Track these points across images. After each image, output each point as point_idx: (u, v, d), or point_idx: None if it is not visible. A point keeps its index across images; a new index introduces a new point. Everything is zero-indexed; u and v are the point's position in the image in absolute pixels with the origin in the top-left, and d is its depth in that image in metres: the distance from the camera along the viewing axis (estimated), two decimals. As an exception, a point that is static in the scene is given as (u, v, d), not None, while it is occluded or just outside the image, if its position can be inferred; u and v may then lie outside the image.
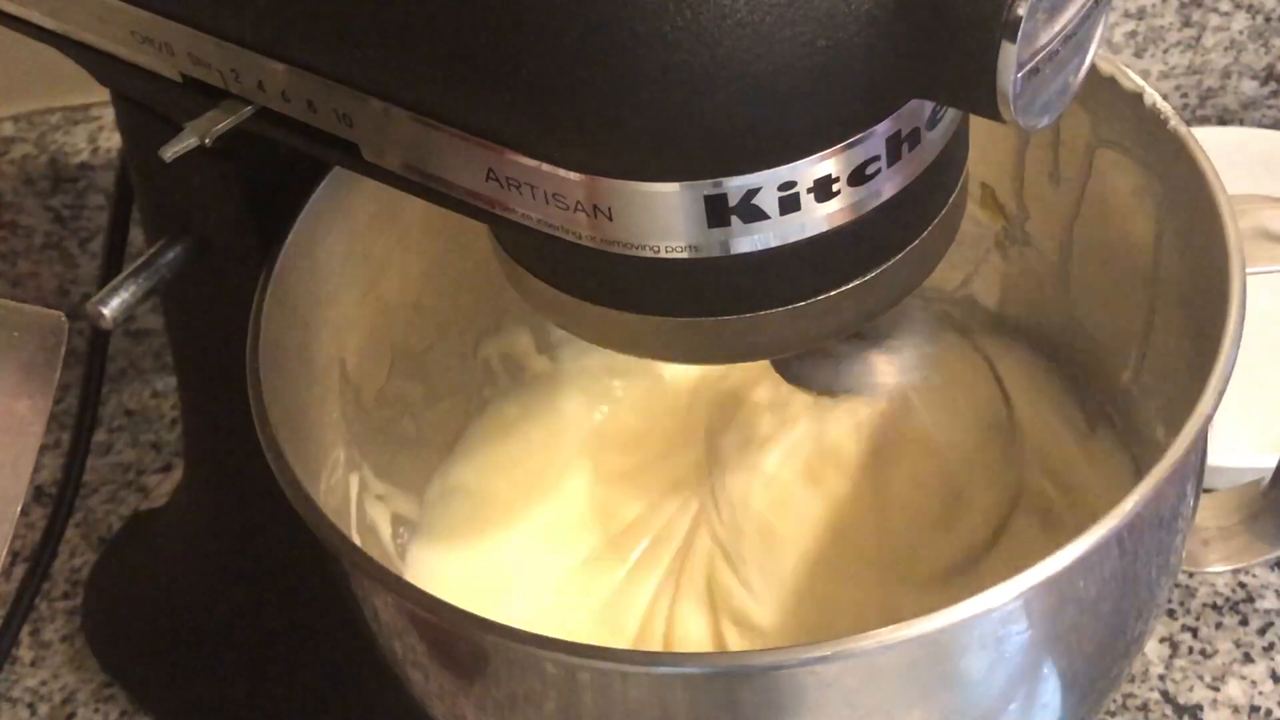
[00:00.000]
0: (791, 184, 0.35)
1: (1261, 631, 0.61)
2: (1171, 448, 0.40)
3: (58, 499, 0.66)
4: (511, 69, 0.34)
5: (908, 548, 0.55)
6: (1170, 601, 0.61)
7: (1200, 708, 0.59)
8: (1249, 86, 0.78)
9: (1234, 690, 0.59)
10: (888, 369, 0.58)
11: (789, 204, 0.35)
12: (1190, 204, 0.47)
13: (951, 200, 0.39)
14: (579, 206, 0.36)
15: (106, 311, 0.48)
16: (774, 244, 0.36)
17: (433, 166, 0.38)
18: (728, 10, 0.33)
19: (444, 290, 0.57)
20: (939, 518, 0.56)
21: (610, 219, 0.36)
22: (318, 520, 0.42)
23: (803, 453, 0.58)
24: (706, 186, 0.35)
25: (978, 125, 0.37)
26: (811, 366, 0.54)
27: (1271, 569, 0.62)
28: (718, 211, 0.35)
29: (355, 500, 0.53)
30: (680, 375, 0.62)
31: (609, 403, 0.62)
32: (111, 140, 0.71)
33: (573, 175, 0.35)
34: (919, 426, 0.59)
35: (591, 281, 0.38)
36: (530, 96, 0.35)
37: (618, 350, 0.41)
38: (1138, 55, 0.76)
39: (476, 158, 0.37)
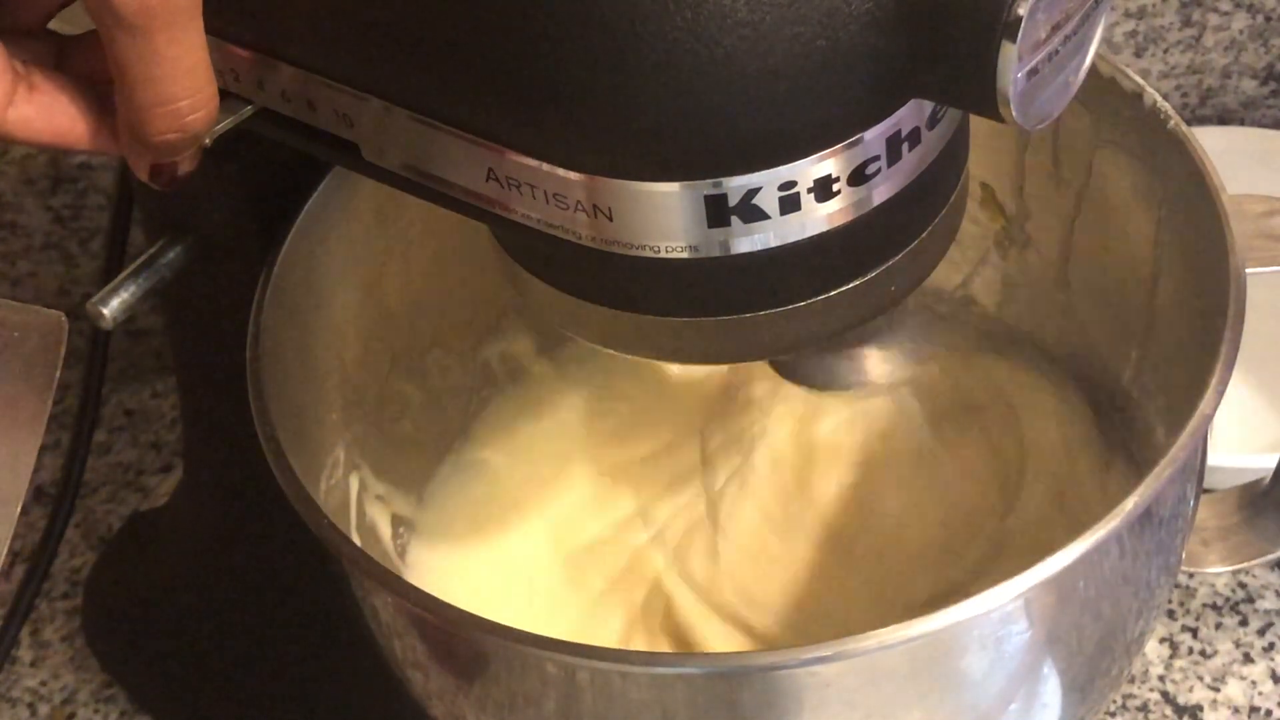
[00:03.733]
0: (792, 184, 0.35)
1: (1261, 632, 0.60)
2: (1172, 448, 0.40)
3: (58, 499, 0.66)
4: (512, 68, 0.34)
5: (901, 570, 0.55)
6: (1170, 602, 0.61)
7: (1200, 708, 0.59)
8: (1249, 86, 0.78)
9: (1234, 690, 0.59)
10: (884, 367, 0.58)
11: (789, 204, 0.35)
12: (1190, 204, 0.47)
13: (952, 200, 0.39)
14: (578, 207, 0.36)
15: (106, 311, 0.48)
16: (774, 244, 0.36)
17: (433, 166, 0.38)
18: (728, 10, 0.33)
19: (444, 290, 0.57)
20: (934, 540, 0.56)
21: (610, 219, 0.36)
22: (318, 520, 0.42)
23: (793, 454, 0.58)
24: (706, 186, 0.35)
25: (977, 125, 0.37)
26: (809, 363, 0.54)
27: (1271, 569, 0.62)
28: (718, 211, 0.35)
29: (355, 500, 0.53)
30: (679, 374, 0.62)
31: (609, 403, 0.62)
32: (111, 140, 0.71)
33: (572, 175, 0.35)
34: (916, 434, 0.59)
35: (592, 282, 0.38)
36: (530, 96, 0.35)
37: (618, 351, 0.41)
38: (1138, 55, 0.76)
39: (477, 158, 0.37)
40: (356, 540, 0.51)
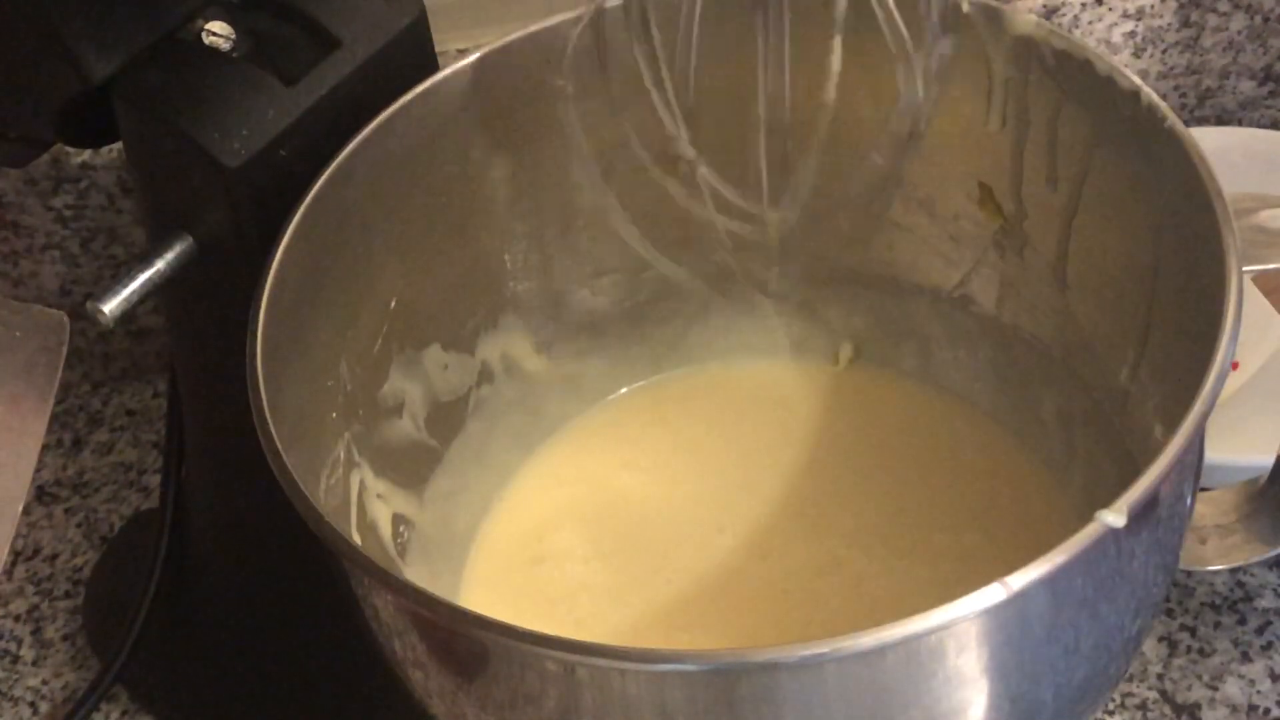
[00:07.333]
0: None
1: (1260, 630, 0.61)
2: (1169, 446, 0.40)
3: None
4: None
5: (898, 561, 0.56)
6: (1168, 600, 0.61)
7: (1198, 706, 0.59)
8: (1247, 86, 0.78)
9: (1232, 689, 0.59)
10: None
11: None
12: (1188, 204, 0.47)
13: None
14: None
15: (106, 310, 0.48)
16: None
17: None
18: None
19: (443, 289, 0.57)
20: (929, 532, 0.57)
21: None
22: (318, 520, 0.42)
23: (795, 447, 0.58)
24: None
25: (976, 125, 0.37)
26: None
27: (1270, 568, 0.62)
28: None
29: (355, 500, 0.54)
30: (680, 370, 0.63)
31: (606, 401, 0.62)
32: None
33: None
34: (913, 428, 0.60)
35: None
36: None
37: None
38: (1136, 55, 0.76)
39: None
40: (356, 540, 0.51)
